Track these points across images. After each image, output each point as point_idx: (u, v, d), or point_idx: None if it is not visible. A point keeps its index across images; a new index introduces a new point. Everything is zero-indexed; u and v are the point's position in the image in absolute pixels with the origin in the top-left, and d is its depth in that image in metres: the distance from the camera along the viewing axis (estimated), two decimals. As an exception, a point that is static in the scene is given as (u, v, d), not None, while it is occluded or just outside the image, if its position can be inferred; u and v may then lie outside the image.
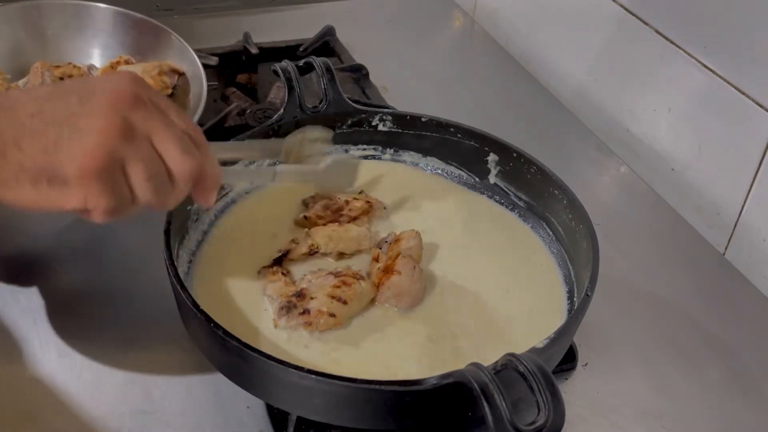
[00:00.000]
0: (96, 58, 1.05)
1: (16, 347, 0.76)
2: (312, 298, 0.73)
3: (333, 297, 0.73)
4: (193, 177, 0.63)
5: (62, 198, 0.58)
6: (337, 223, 0.82)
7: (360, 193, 0.88)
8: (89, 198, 0.58)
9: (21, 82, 0.95)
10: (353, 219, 0.84)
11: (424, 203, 0.89)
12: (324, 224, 0.82)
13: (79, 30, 1.04)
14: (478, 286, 0.79)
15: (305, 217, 0.83)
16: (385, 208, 0.87)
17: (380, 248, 0.79)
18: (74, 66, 0.98)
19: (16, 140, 0.57)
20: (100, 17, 1.04)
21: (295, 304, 0.72)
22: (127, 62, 0.99)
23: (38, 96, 0.60)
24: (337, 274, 0.75)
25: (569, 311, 0.77)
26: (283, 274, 0.76)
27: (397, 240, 0.79)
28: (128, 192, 0.60)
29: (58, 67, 0.96)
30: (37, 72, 0.94)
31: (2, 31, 1.00)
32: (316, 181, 0.82)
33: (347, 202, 0.85)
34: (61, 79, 0.93)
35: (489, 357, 0.62)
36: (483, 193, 0.91)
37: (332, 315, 0.72)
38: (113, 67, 0.97)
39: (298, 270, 0.78)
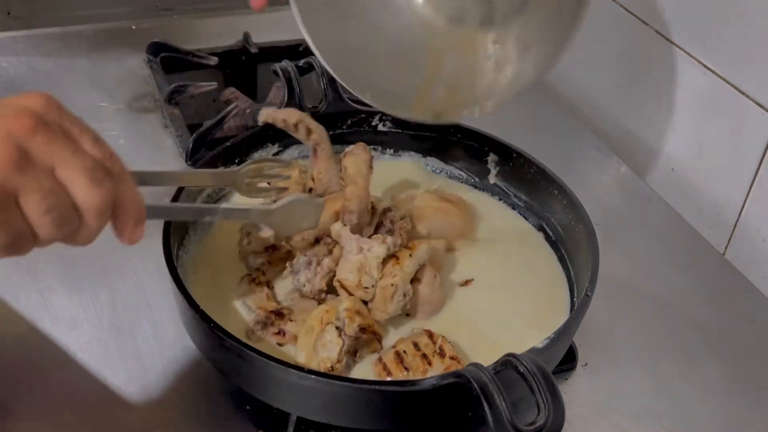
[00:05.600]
0: None
1: (15, 347, 0.76)
2: (290, 320, 0.72)
3: None
4: (102, 210, 0.57)
5: None
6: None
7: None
8: None
9: None
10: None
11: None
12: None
13: None
14: (482, 287, 0.80)
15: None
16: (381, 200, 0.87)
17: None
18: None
19: None
20: None
21: (272, 322, 0.72)
22: None
23: None
24: (321, 301, 0.74)
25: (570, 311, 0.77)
26: (268, 286, 0.75)
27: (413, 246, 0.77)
28: (26, 226, 0.54)
29: None
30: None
31: None
32: (267, 221, 0.71)
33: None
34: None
35: (490, 358, 0.62)
36: (483, 193, 0.91)
37: None
38: None
39: (282, 285, 0.78)
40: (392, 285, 0.72)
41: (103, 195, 0.56)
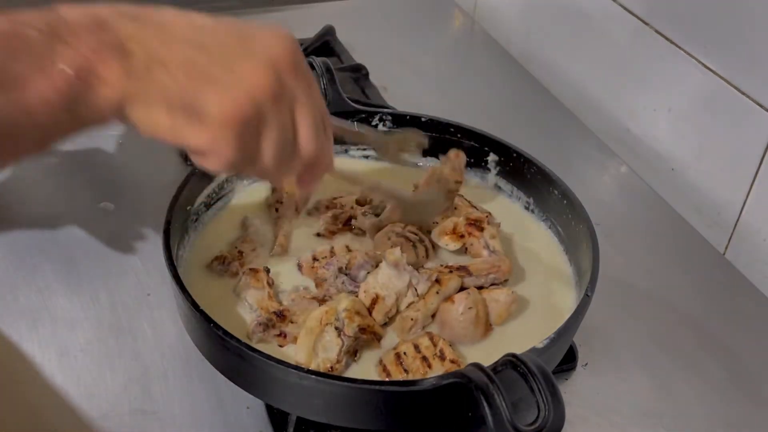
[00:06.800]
0: None
1: (15, 347, 0.76)
2: (291, 322, 0.72)
3: None
4: (313, 159, 0.61)
5: (192, 133, 0.54)
6: None
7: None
8: (218, 143, 0.55)
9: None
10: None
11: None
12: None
13: None
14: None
15: (318, 234, 0.82)
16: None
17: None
18: None
19: (165, 60, 0.53)
20: None
21: (274, 324, 0.71)
22: None
23: (197, 23, 0.56)
24: (322, 302, 0.74)
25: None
26: (268, 283, 0.75)
27: (487, 288, 0.76)
28: (254, 151, 0.57)
29: None
30: None
31: None
32: (405, 206, 0.79)
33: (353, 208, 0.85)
34: None
35: (491, 358, 0.62)
36: (483, 192, 0.91)
37: None
38: None
39: (282, 282, 0.77)
40: (412, 319, 0.72)
41: (318, 145, 0.61)
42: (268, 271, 0.76)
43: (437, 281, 0.74)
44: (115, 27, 0.53)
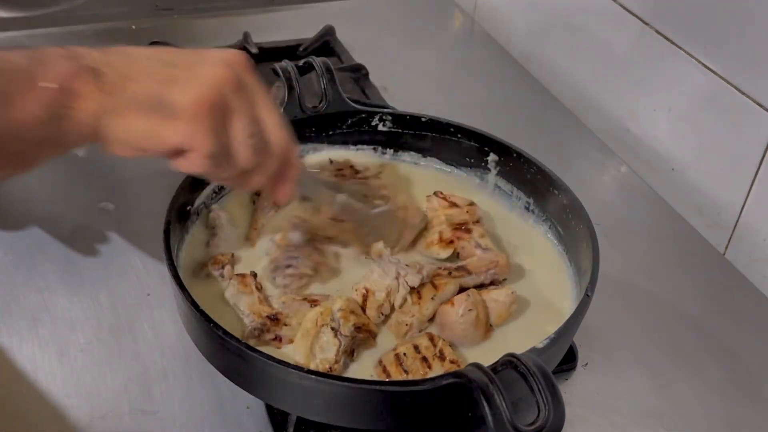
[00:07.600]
0: None
1: (14, 347, 0.76)
2: (285, 325, 0.71)
3: None
4: (285, 152, 0.65)
5: (167, 131, 0.59)
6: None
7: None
8: (193, 136, 0.59)
9: None
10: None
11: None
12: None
13: None
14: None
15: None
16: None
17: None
18: None
19: (132, 75, 0.60)
20: None
21: (269, 328, 0.71)
22: None
23: (155, 50, 0.64)
24: (313, 302, 0.73)
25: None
26: (257, 288, 0.74)
27: (486, 288, 0.76)
28: (228, 144, 0.61)
29: None
30: None
31: None
32: (364, 223, 0.79)
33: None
34: None
35: (491, 358, 0.62)
36: (483, 192, 0.91)
37: None
38: None
39: (269, 285, 0.76)
40: (407, 325, 0.72)
41: (288, 141, 0.65)
42: (255, 275, 0.75)
43: (434, 286, 0.74)
44: (87, 56, 0.61)
